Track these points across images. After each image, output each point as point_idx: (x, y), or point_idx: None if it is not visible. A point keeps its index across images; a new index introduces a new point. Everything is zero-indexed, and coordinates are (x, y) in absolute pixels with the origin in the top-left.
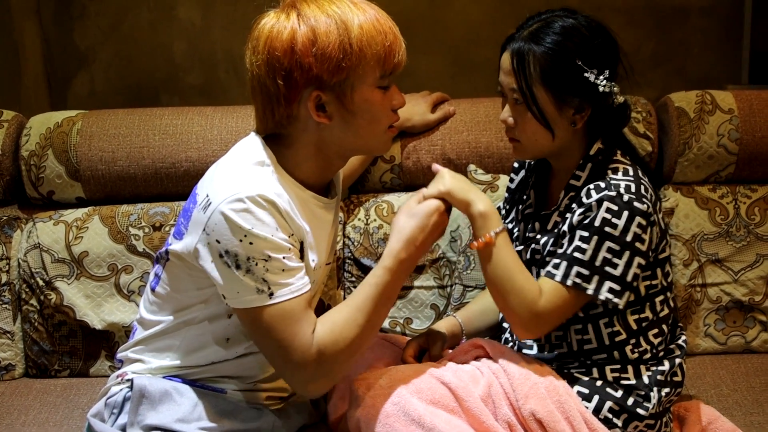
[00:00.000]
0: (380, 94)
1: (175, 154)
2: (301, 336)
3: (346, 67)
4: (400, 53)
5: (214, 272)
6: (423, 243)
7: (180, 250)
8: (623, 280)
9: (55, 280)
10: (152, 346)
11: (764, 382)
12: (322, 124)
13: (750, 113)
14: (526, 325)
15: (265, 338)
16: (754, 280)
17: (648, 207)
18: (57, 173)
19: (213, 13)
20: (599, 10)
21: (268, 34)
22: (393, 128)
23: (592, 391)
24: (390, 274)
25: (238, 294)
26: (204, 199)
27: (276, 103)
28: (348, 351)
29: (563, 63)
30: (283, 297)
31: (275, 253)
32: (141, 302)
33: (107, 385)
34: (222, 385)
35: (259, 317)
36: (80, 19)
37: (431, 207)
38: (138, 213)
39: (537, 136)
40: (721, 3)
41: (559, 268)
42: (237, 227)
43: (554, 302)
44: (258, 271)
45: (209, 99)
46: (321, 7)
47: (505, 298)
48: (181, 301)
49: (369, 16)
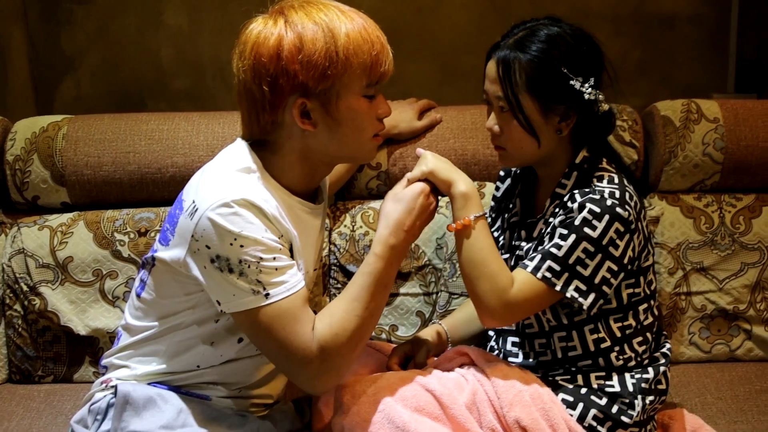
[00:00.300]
0: (366, 103)
1: (161, 159)
2: (302, 334)
3: (332, 75)
4: (386, 63)
5: (207, 278)
6: (412, 227)
7: (168, 258)
8: (591, 281)
9: (40, 285)
10: (138, 351)
11: (748, 391)
12: (307, 131)
13: (735, 122)
14: (493, 312)
15: (265, 339)
16: (739, 289)
17: (629, 215)
18: (42, 178)
19: (200, 19)
20: (586, 18)
21: (255, 39)
22: (378, 137)
23: (577, 399)
24: (382, 261)
25: (234, 297)
26: (190, 205)
27: (261, 109)
28: (350, 343)
29: (549, 71)
30: (279, 296)
31: (267, 254)
32: (126, 308)
33: (91, 392)
34: (207, 392)
35: (257, 318)
36: (67, 24)
37: (416, 190)
38: (123, 218)
39: (522, 143)
40: (707, 12)
41: (533, 261)
42: (226, 231)
43: (524, 293)
44: (251, 273)
45: (196, 105)
46: (309, 15)
47: (476, 283)
48: (168, 306)
49: (356, 25)
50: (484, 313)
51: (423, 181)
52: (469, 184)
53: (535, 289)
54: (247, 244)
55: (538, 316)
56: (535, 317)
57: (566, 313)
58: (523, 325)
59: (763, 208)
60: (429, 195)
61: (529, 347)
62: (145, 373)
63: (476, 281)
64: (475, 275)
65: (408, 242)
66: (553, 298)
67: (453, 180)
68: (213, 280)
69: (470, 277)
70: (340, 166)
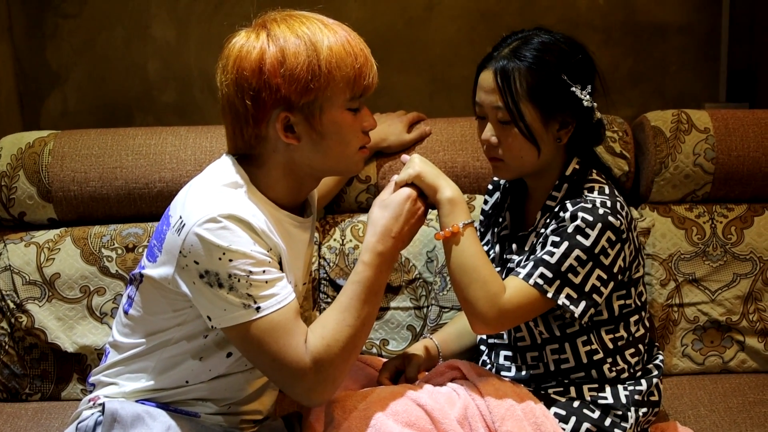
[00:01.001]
0: (350, 116)
1: (148, 174)
2: (295, 347)
3: (315, 88)
4: (370, 76)
5: (196, 294)
6: (399, 233)
7: (155, 275)
8: (581, 289)
9: (26, 302)
10: (126, 368)
11: (742, 403)
12: (291, 145)
13: (726, 132)
14: (485, 319)
15: (258, 353)
16: (731, 300)
17: (621, 224)
18: (28, 194)
19: (188, 32)
20: (576, 28)
21: (237, 53)
22: (365, 149)
23: (569, 413)
24: (370, 269)
25: (225, 312)
26: (177, 221)
27: (245, 123)
28: (344, 353)
29: (549, 78)
30: (270, 309)
31: (256, 267)
32: (113, 324)
33: (78, 409)
34: (196, 408)
35: (248, 333)
36: (53, 38)
37: (402, 195)
38: (111, 234)
39: (523, 153)
40: (698, 22)
41: (526, 268)
42: (214, 246)
43: (517, 299)
44: (241, 287)
45: (184, 118)
46: (291, 28)
47: (468, 290)
48: (156, 323)
49: (339, 38)
50: (476, 319)
51: (410, 186)
52: (456, 191)
53: (528, 295)
54: (235, 258)
55: (531, 329)
56: (528, 330)
57: (558, 325)
58: (515, 338)
59: (755, 218)
60: (416, 200)
61: (522, 360)
62: (134, 390)
63: (468, 287)
64: (466, 282)
65: (397, 248)
66: (545, 305)
67: (439, 185)
68: (202, 295)
69: (461, 283)
70: (328, 180)
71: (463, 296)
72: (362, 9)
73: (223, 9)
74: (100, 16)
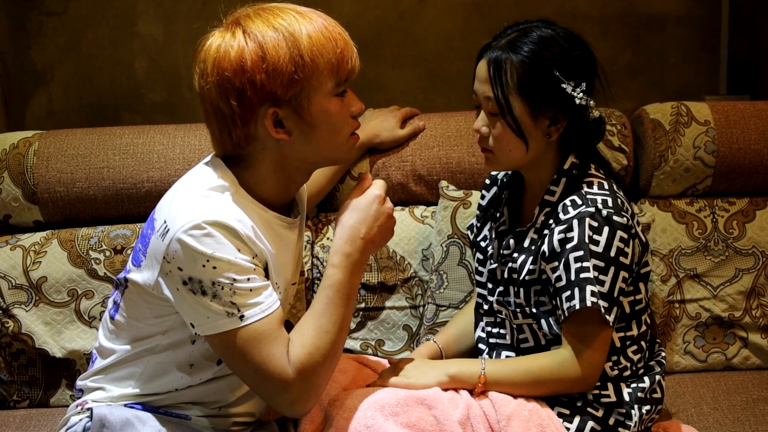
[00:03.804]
0: (338, 103)
1: (136, 174)
2: (278, 358)
3: (300, 79)
4: (352, 59)
5: (179, 301)
6: (368, 234)
7: (140, 280)
8: (610, 296)
9: (13, 307)
10: (113, 375)
11: (745, 400)
12: (282, 141)
13: (726, 124)
14: (583, 387)
15: (240, 363)
16: (734, 295)
17: (627, 220)
18: (13, 196)
19: (175, 29)
20: (573, 19)
21: (215, 55)
22: (356, 135)
23: (573, 412)
24: (341, 272)
25: (208, 320)
26: (162, 225)
27: (232, 125)
28: (325, 360)
29: (541, 73)
30: (254, 317)
31: (240, 275)
32: (100, 329)
33: (67, 415)
34: (186, 411)
35: (231, 341)
36: (37, 37)
37: (369, 197)
38: (98, 236)
39: (510, 146)
40: (697, 12)
41: (573, 299)
42: (198, 253)
43: (581, 348)
44: (225, 295)
45: (172, 116)
46: (266, 22)
47: (550, 389)
48: (141, 329)
49: (317, 25)
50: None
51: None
52: None
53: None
54: (219, 266)
55: (534, 331)
56: (531, 332)
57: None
58: (517, 339)
59: (757, 212)
60: (384, 200)
61: None
62: (122, 395)
63: (548, 388)
64: (541, 387)
65: (367, 250)
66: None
67: None
68: (186, 302)
69: (539, 391)
70: (320, 177)
71: (556, 391)
72: (354, 2)
73: (211, 5)
74: (86, 14)
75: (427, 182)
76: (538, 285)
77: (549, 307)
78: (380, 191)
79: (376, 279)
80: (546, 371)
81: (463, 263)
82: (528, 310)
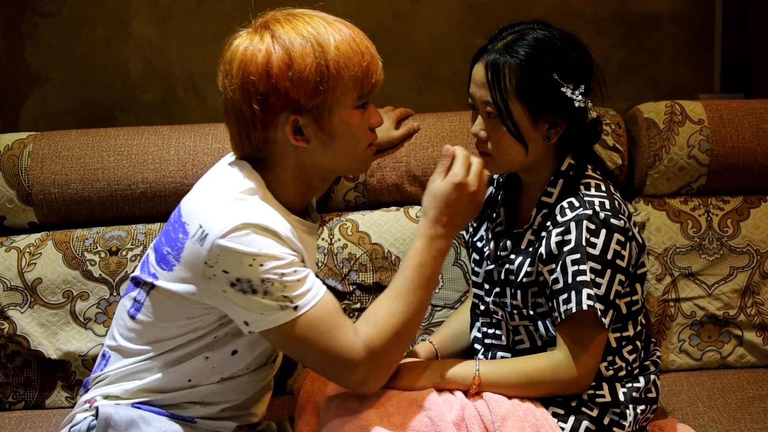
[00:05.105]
0: (358, 115)
1: (131, 175)
2: (342, 338)
3: (324, 90)
4: (377, 73)
5: (227, 302)
6: (450, 221)
7: (171, 283)
8: (606, 298)
9: (8, 308)
10: (130, 370)
11: (740, 398)
12: (300, 148)
13: (720, 123)
14: (581, 388)
15: (305, 351)
16: (729, 294)
17: (624, 222)
18: (8, 198)
19: (170, 29)
20: (567, 19)
21: (241, 57)
22: (372, 147)
23: (568, 412)
24: (422, 255)
25: (262, 316)
26: (198, 230)
27: (252, 128)
28: (396, 340)
29: (540, 77)
30: (308, 305)
31: (287, 268)
32: (114, 328)
33: (73, 412)
34: (193, 413)
35: (291, 332)
36: (31, 37)
37: (449, 185)
38: (93, 237)
39: (510, 150)
40: (691, 11)
41: (569, 302)
42: (243, 254)
43: (577, 350)
44: (276, 290)
45: (167, 117)
46: (295, 28)
47: (545, 391)
48: (168, 329)
49: (345, 36)
50: (575, 392)
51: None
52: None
53: (580, 331)
54: (266, 263)
55: (531, 333)
56: (527, 334)
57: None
58: (513, 341)
59: (751, 210)
60: (465, 186)
61: None
62: (135, 389)
63: (541, 388)
64: (533, 388)
65: (450, 234)
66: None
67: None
68: (235, 303)
69: (532, 391)
70: None
71: (551, 392)
72: (348, 2)
73: (205, 6)
74: (80, 15)
75: (422, 183)
76: (535, 287)
77: (546, 309)
78: (459, 178)
79: (371, 279)
80: (540, 373)
81: (458, 263)
82: (525, 312)
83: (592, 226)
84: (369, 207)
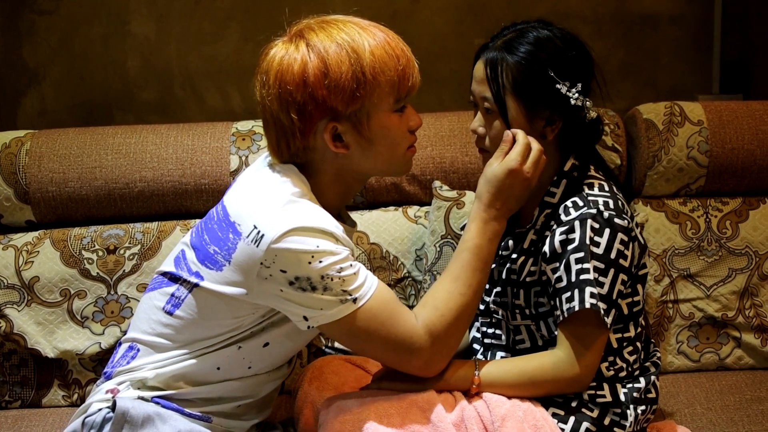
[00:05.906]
0: (397, 118)
1: (128, 174)
2: (403, 324)
3: (361, 96)
4: (414, 76)
5: (286, 301)
6: (504, 206)
7: (223, 288)
8: (609, 298)
9: (5, 307)
10: (162, 364)
11: (738, 400)
12: (340, 154)
13: (719, 124)
14: (582, 386)
15: (367, 342)
16: (727, 295)
17: (628, 222)
18: (5, 196)
19: (168, 28)
20: (566, 19)
21: (278, 67)
22: (413, 148)
23: (568, 413)
24: (478, 237)
25: (322, 311)
26: (252, 231)
27: (291, 136)
28: (457, 322)
29: (535, 73)
30: (366, 297)
31: (344, 263)
32: (143, 323)
33: (89, 401)
34: (210, 410)
35: (352, 324)
36: (29, 36)
37: (503, 170)
38: (91, 236)
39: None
40: (690, 12)
41: (572, 301)
42: (301, 252)
43: (578, 348)
44: (335, 286)
45: (165, 116)
46: (330, 36)
47: (545, 390)
48: (211, 328)
49: (379, 40)
50: (575, 390)
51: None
52: None
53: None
54: (325, 259)
55: (532, 332)
56: (528, 333)
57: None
58: (513, 340)
59: (750, 212)
60: (518, 172)
61: None
62: (168, 374)
63: (541, 389)
64: (534, 388)
65: (504, 216)
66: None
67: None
68: (294, 301)
69: (533, 391)
70: None
71: (551, 391)
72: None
73: (203, 4)
74: (78, 13)
75: (421, 182)
76: (538, 286)
77: (548, 308)
78: (515, 165)
79: None
80: (541, 371)
81: None
82: (528, 312)
83: (597, 226)
84: (367, 206)
